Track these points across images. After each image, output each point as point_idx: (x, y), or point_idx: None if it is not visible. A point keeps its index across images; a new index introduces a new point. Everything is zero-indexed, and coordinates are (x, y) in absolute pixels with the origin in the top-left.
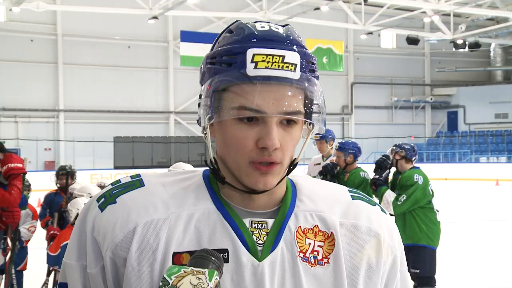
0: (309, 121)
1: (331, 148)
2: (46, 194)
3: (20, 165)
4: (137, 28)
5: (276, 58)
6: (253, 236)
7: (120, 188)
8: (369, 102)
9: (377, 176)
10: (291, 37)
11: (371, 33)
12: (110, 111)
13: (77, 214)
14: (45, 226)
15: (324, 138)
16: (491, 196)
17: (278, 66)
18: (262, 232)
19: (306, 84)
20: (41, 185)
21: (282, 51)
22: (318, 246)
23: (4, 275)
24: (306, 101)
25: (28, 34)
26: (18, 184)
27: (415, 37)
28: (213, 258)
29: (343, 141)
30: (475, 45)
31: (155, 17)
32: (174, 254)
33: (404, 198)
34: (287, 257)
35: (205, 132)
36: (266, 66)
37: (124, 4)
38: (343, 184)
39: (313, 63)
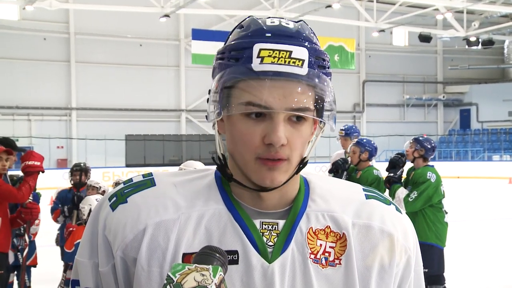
0: (319, 119)
1: None
2: (59, 191)
3: (37, 163)
4: (149, 26)
5: (282, 53)
6: (264, 238)
7: (131, 188)
8: (380, 100)
9: (391, 174)
10: (301, 33)
11: (383, 30)
12: (122, 109)
13: (90, 211)
14: (57, 216)
15: (348, 135)
16: (504, 194)
17: (285, 61)
18: (273, 234)
19: (316, 81)
20: (54, 183)
21: (289, 46)
22: (330, 247)
23: (16, 272)
24: (316, 97)
25: (41, 32)
26: (30, 181)
27: (427, 35)
28: (217, 255)
29: (362, 138)
30: (488, 43)
31: (166, 15)
32: (184, 255)
33: (416, 195)
34: (298, 258)
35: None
36: (272, 62)
37: (136, 3)
38: (355, 182)
39: (323, 60)
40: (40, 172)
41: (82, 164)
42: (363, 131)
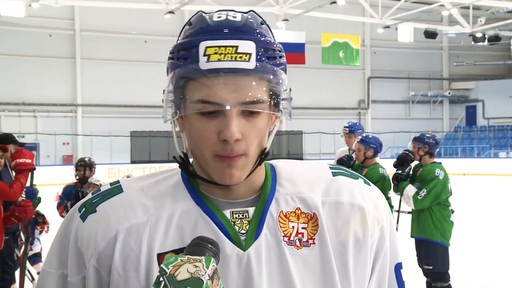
0: (271, 112)
1: None
2: (64, 186)
3: (28, 161)
4: (153, 23)
5: (228, 49)
6: (235, 227)
7: (99, 197)
8: (386, 97)
9: (399, 171)
10: (249, 25)
11: (388, 27)
12: (127, 106)
13: None
14: (62, 212)
15: (352, 133)
16: (510, 192)
17: (231, 57)
18: (244, 222)
19: (265, 73)
20: (59, 179)
21: (235, 41)
22: (302, 228)
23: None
24: (268, 90)
25: (47, 29)
26: (22, 179)
27: (433, 31)
28: (209, 246)
29: (366, 135)
30: (494, 39)
31: (171, 12)
32: (159, 255)
33: (425, 193)
34: (272, 242)
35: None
36: (218, 59)
37: None
38: None
39: (274, 50)
40: (31, 170)
41: (86, 159)
42: (368, 127)
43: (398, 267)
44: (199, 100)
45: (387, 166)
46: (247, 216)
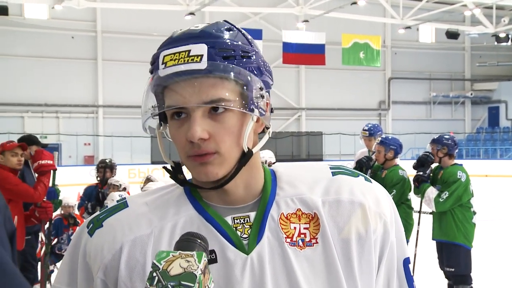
0: (233, 108)
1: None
2: (86, 187)
3: (50, 162)
4: (174, 24)
5: (182, 54)
6: (237, 232)
7: (106, 213)
8: (406, 98)
9: (420, 173)
10: (206, 31)
11: (409, 27)
12: None
13: None
14: (83, 213)
15: (372, 135)
16: None
17: (184, 60)
18: (246, 226)
19: (217, 72)
20: (81, 179)
21: (187, 46)
22: (304, 228)
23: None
24: (232, 90)
25: (69, 31)
26: (45, 180)
27: (455, 31)
28: (198, 241)
29: (385, 136)
30: None
31: (192, 13)
32: None
33: (447, 195)
34: (274, 244)
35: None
36: (173, 64)
37: (161, 1)
38: (380, 181)
39: (233, 51)
40: (52, 171)
41: (107, 161)
42: (389, 129)
43: (406, 262)
44: (167, 106)
45: (407, 167)
46: (249, 221)
